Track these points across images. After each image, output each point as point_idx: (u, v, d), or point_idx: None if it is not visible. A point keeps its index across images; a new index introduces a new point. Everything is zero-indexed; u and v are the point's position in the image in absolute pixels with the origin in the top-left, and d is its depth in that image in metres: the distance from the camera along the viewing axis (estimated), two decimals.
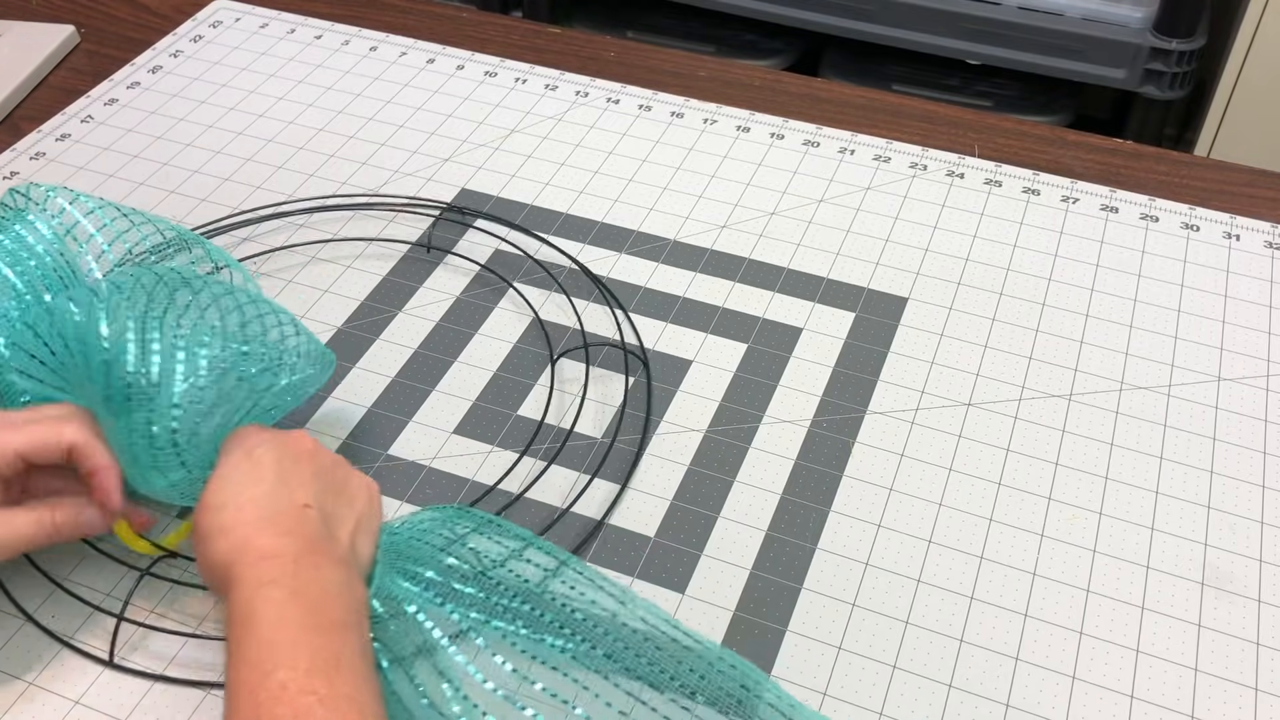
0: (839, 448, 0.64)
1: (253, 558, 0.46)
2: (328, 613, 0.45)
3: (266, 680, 0.42)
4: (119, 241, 0.65)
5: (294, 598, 0.45)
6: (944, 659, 0.55)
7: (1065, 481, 0.63)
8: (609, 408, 0.66)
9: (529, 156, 0.84)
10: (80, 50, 0.96)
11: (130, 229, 0.65)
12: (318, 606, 0.45)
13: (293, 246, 0.76)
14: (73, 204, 0.64)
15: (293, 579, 0.45)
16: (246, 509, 0.48)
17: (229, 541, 0.47)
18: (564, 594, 0.49)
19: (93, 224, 0.64)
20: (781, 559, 0.59)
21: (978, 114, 0.89)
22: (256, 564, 0.46)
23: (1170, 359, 0.69)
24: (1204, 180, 0.82)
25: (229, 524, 0.48)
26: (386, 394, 0.67)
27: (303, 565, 0.46)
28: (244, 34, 0.96)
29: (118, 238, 0.65)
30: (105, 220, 0.64)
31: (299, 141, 0.85)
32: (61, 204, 0.63)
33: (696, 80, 0.92)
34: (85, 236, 0.63)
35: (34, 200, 0.63)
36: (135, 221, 0.66)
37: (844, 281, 0.74)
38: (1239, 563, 0.59)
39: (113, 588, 0.58)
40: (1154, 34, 1.39)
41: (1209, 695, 0.54)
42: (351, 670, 0.44)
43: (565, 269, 0.75)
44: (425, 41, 0.95)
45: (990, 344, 0.70)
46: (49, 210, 0.63)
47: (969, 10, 1.43)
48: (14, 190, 0.63)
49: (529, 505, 0.61)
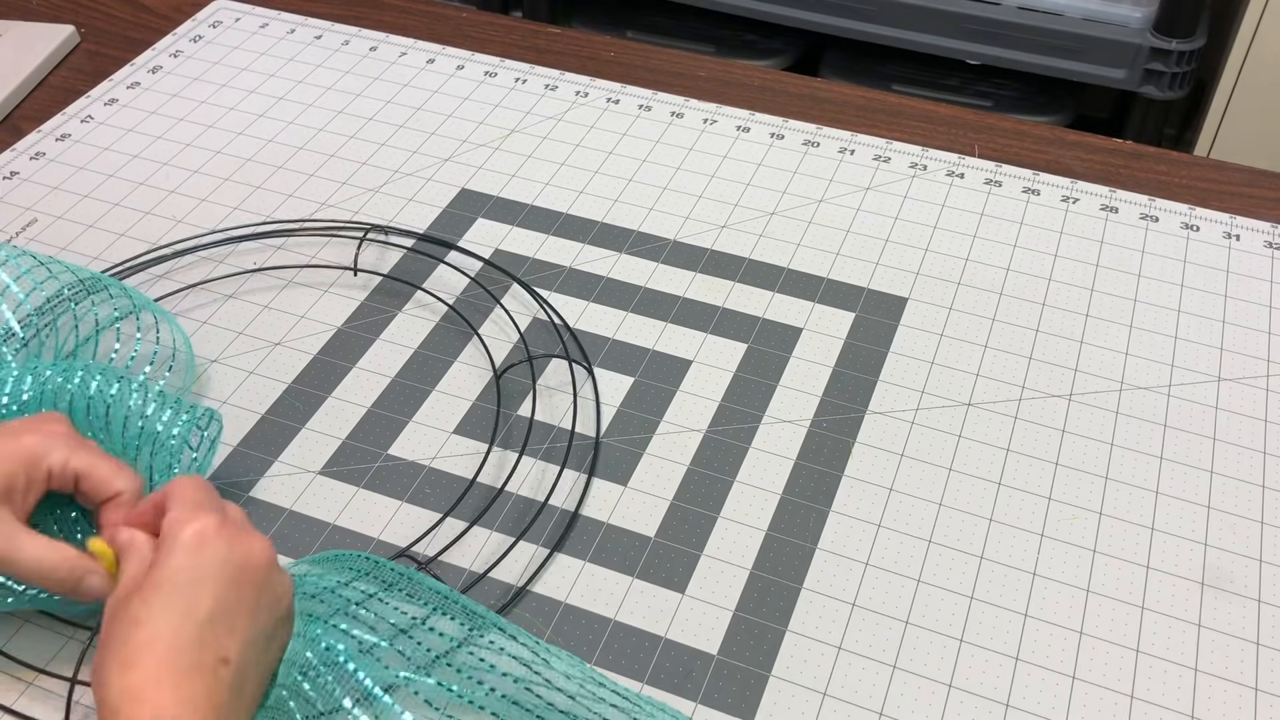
0: (839, 448, 0.64)
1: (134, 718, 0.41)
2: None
3: None
4: (36, 291, 0.63)
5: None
6: (944, 659, 0.55)
7: (1065, 481, 0.63)
8: (609, 408, 0.66)
9: (529, 156, 0.84)
10: (80, 50, 0.96)
11: (48, 278, 0.64)
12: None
13: (270, 269, 0.76)
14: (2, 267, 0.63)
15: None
16: (159, 647, 0.42)
17: (124, 681, 0.41)
18: (471, 665, 0.46)
19: (8, 273, 0.63)
20: (781, 559, 0.59)
21: (978, 114, 0.89)
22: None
23: (1170, 359, 0.69)
24: (1204, 180, 0.82)
25: (131, 654, 0.42)
26: (387, 394, 0.67)
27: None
28: (244, 34, 0.96)
29: (35, 288, 0.63)
30: (21, 270, 0.63)
31: (299, 141, 0.85)
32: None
33: (696, 80, 0.92)
34: (0, 287, 0.62)
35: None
36: (54, 271, 0.64)
37: (844, 281, 0.74)
38: (1239, 563, 0.59)
39: (55, 654, 0.55)
40: (1154, 34, 1.39)
41: (1209, 695, 0.54)
42: None
43: (561, 272, 0.75)
44: (425, 41, 0.95)
45: (990, 344, 0.70)
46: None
47: (969, 10, 1.43)
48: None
49: (531, 505, 0.61)
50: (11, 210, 0.79)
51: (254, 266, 0.75)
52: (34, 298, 0.63)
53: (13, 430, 0.51)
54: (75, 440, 0.51)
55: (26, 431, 0.50)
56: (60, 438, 0.51)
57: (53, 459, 0.50)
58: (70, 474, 0.50)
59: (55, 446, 0.50)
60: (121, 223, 0.78)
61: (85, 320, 0.64)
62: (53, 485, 0.50)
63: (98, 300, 0.65)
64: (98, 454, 0.51)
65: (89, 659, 0.54)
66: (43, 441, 0.50)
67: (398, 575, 0.51)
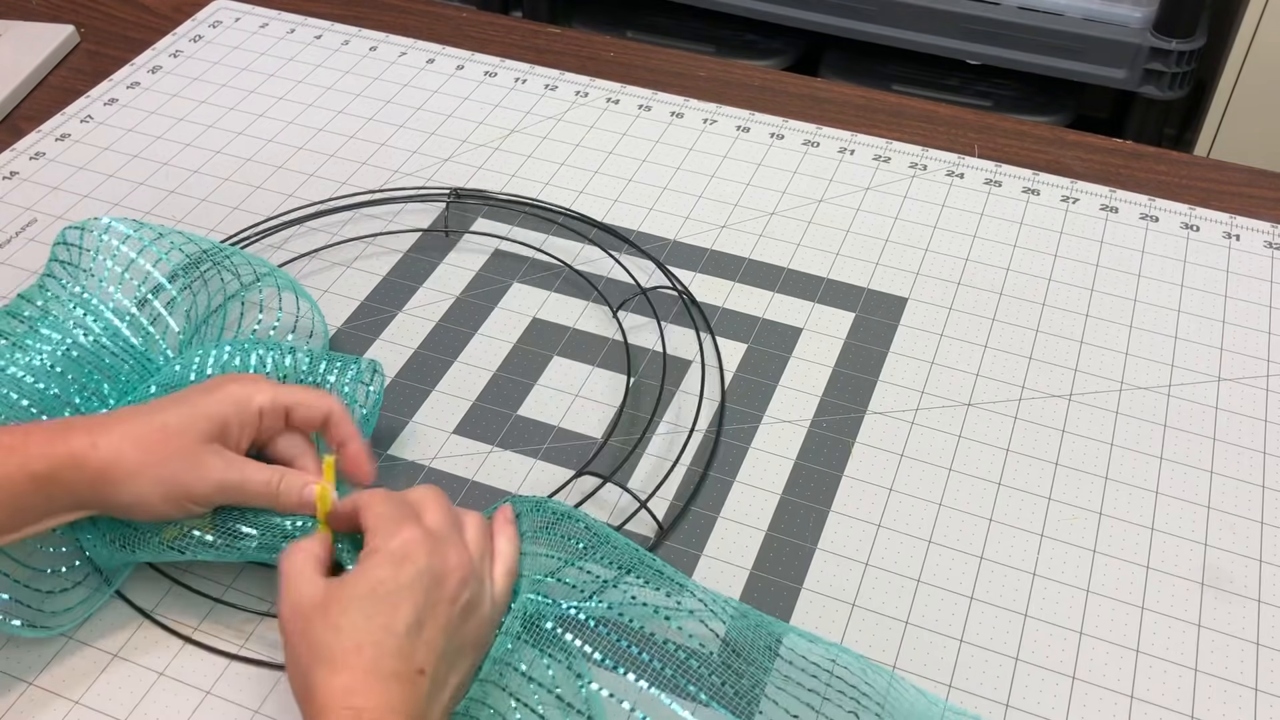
0: (839, 448, 0.64)
1: (344, 717, 0.44)
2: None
3: None
4: (163, 262, 0.66)
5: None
6: (944, 659, 0.55)
7: (1065, 481, 0.63)
8: (609, 408, 0.66)
9: (529, 156, 0.84)
10: (80, 50, 0.96)
11: (171, 249, 0.67)
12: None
13: (302, 256, 0.76)
14: (124, 242, 0.65)
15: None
16: (366, 651, 0.45)
17: (331, 679, 0.44)
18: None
19: (131, 248, 0.65)
20: (781, 559, 0.59)
21: (978, 114, 0.89)
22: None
23: (1170, 359, 0.69)
24: (1204, 180, 0.82)
25: (338, 658, 0.45)
26: (386, 393, 0.67)
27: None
28: (244, 34, 0.96)
29: (159, 258, 0.66)
30: (144, 242, 0.66)
31: (299, 141, 0.85)
32: (114, 244, 0.65)
33: (696, 80, 0.92)
34: (126, 261, 0.65)
35: (87, 249, 0.64)
36: (175, 242, 0.67)
37: (844, 281, 0.74)
38: (1239, 563, 0.59)
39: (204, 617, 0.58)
40: (1154, 34, 1.39)
41: (1209, 695, 0.54)
42: None
43: (562, 270, 0.75)
44: (425, 41, 0.95)
45: (990, 344, 0.70)
46: (103, 254, 0.64)
47: (969, 10, 1.43)
48: (63, 241, 0.65)
49: None
50: (11, 210, 0.79)
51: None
52: (160, 267, 0.65)
53: (217, 382, 0.55)
54: (274, 383, 0.56)
55: (230, 382, 0.55)
56: (262, 382, 0.55)
57: (260, 399, 0.54)
58: (280, 408, 0.55)
59: (260, 389, 0.54)
60: None
61: (215, 288, 0.67)
62: (265, 422, 0.54)
63: (225, 267, 0.68)
64: (298, 388, 0.56)
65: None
66: (247, 386, 0.54)
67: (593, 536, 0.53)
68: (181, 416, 0.52)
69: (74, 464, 0.50)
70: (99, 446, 0.50)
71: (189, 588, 0.58)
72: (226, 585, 0.58)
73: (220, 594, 0.58)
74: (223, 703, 0.53)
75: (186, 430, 0.52)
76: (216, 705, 0.53)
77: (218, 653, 0.55)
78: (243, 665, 0.55)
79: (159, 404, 0.53)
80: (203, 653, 0.55)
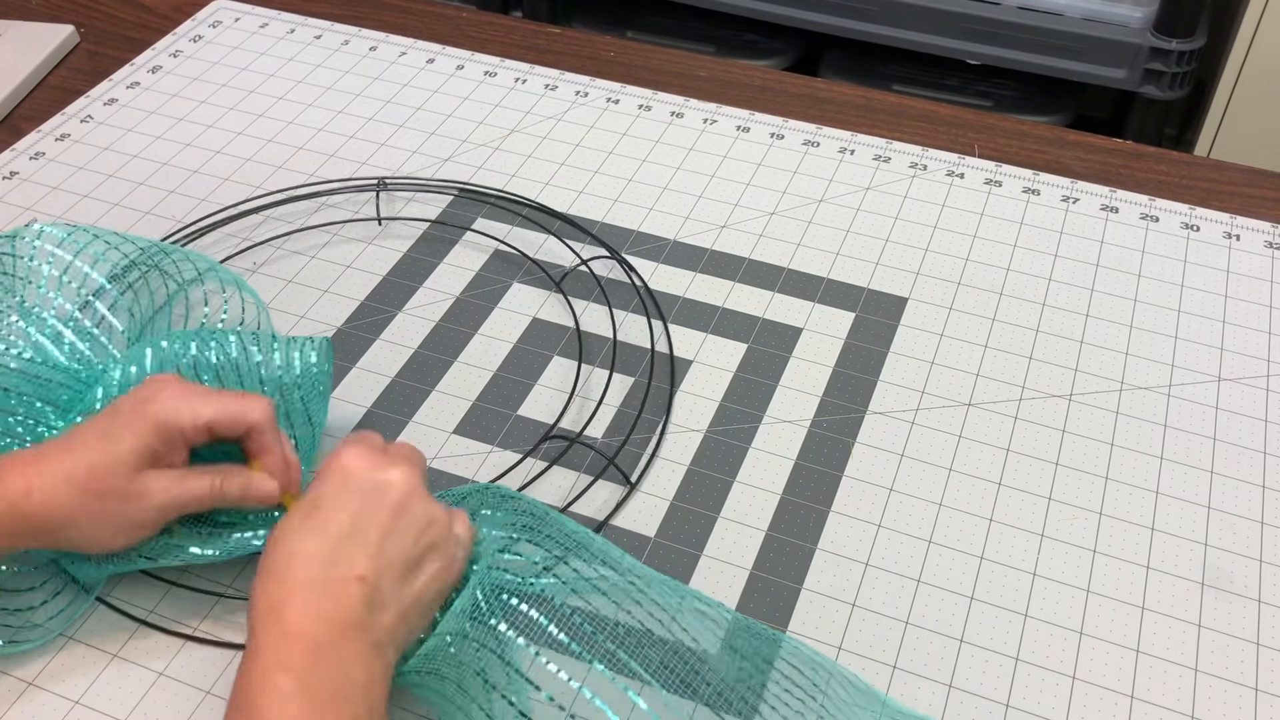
0: (839, 448, 0.64)
1: (275, 632, 0.44)
2: (335, 713, 0.42)
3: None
4: (101, 262, 0.64)
5: (301, 691, 0.42)
6: (944, 659, 0.55)
7: (1065, 481, 0.63)
8: (608, 408, 0.66)
9: (529, 156, 0.84)
10: (80, 50, 0.96)
11: (108, 249, 0.65)
12: (326, 705, 0.42)
13: (278, 236, 0.76)
14: (59, 246, 0.64)
15: (309, 670, 0.43)
16: (295, 565, 0.45)
17: (266, 596, 0.45)
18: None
19: (68, 251, 0.64)
20: (781, 559, 0.59)
21: (978, 114, 0.89)
22: (276, 642, 0.43)
23: (1170, 359, 0.69)
24: (1204, 180, 0.82)
25: (273, 570, 0.45)
26: (386, 394, 0.67)
27: (324, 655, 0.43)
28: (243, 34, 0.96)
29: (97, 260, 0.64)
30: (80, 245, 0.64)
31: (299, 141, 0.85)
32: (49, 248, 0.64)
33: (696, 80, 0.92)
34: (64, 265, 0.63)
35: (20, 256, 0.63)
36: (112, 242, 0.66)
37: (844, 281, 0.74)
38: (1239, 563, 0.59)
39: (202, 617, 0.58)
40: (1154, 34, 1.39)
41: (1209, 695, 0.54)
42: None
43: (565, 269, 0.75)
44: (425, 41, 0.95)
45: (990, 344, 0.70)
46: (39, 259, 0.63)
47: (969, 10, 1.43)
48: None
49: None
50: (11, 210, 0.79)
51: (286, 231, 0.75)
52: (99, 268, 0.64)
53: (139, 404, 0.52)
54: (190, 392, 0.53)
55: (151, 403, 0.52)
56: (185, 397, 0.52)
57: (180, 421, 0.52)
58: (202, 427, 0.52)
59: (181, 410, 0.52)
60: (121, 222, 0.78)
61: (156, 285, 0.66)
62: (190, 442, 0.53)
63: (164, 266, 0.67)
64: (217, 397, 0.53)
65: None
66: (168, 406, 0.52)
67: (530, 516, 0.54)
68: (108, 455, 0.50)
69: (12, 514, 0.49)
70: (32, 496, 0.49)
71: (188, 587, 0.58)
72: (227, 585, 0.58)
73: (221, 592, 0.57)
74: (223, 703, 0.53)
75: (115, 469, 0.50)
76: (217, 705, 0.53)
77: (220, 644, 0.55)
78: None
79: (86, 437, 0.51)
80: (203, 653, 0.55)
